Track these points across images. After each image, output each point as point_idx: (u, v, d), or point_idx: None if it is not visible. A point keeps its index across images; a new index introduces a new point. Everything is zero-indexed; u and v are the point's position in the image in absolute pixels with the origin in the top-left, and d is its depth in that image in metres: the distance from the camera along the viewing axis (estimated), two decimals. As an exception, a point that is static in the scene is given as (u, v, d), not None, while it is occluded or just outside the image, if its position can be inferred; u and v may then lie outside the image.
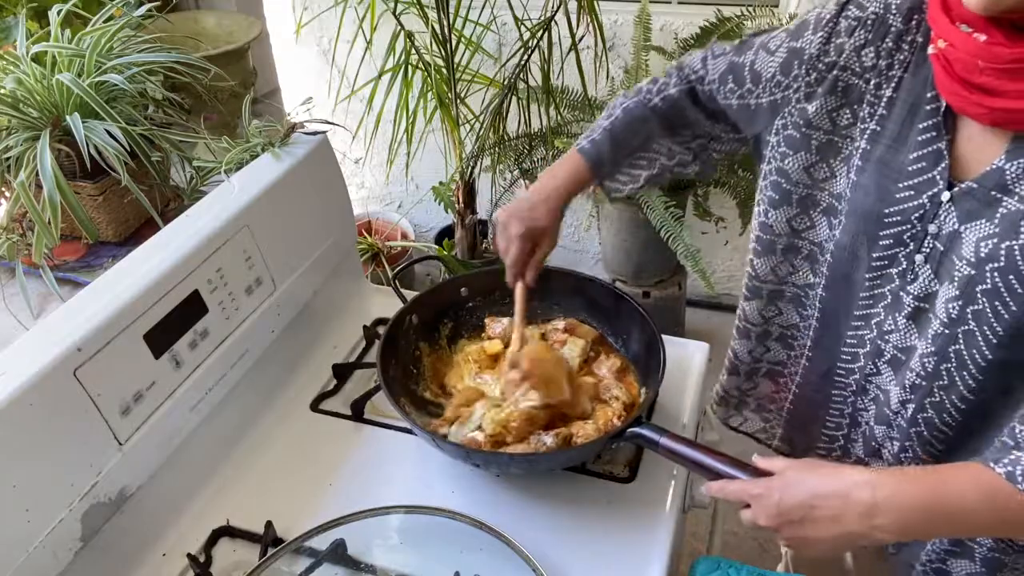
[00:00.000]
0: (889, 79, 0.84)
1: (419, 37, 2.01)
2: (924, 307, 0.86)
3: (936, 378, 0.85)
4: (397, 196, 2.95)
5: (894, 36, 0.83)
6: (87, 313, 0.86)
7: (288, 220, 1.17)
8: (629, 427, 0.94)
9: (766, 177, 0.99)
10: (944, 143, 0.80)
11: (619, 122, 1.06)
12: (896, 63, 0.83)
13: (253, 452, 1.08)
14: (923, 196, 0.82)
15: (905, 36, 0.82)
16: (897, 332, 0.90)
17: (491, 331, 1.17)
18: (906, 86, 0.83)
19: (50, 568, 0.82)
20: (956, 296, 0.80)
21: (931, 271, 0.83)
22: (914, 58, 0.82)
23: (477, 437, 0.99)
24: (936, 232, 0.82)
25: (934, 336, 0.84)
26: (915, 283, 0.85)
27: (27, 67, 1.09)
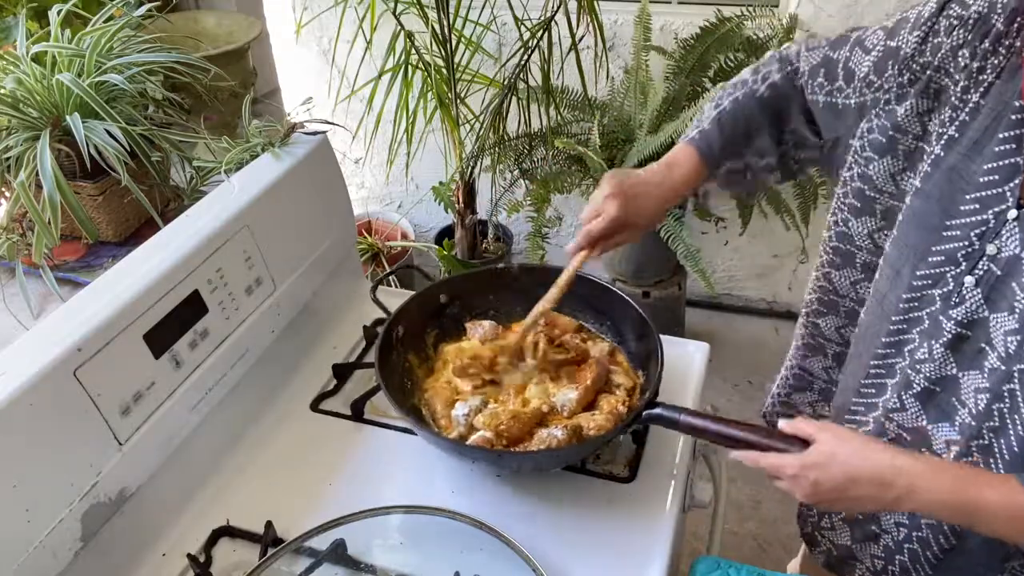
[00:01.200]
0: (978, 83, 0.77)
1: (419, 37, 2.01)
2: (966, 335, 0.79)
3: (988, 418, 0.79)
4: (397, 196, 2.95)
5: (993, 38, 0.76)
6: (87, 313, 0.86)
7: (288, 220, 1.17)
8: (645, 409, 0.94)
9: (846, 184, 0.92)
10: (1021, 157, 0.74)
11: (727, 113, 1.00)
12: (989, 67, 0.76)
13: (253, 452, 1.08)
14: (988, 212, 0.75)
15: (1004, 39, 0.75)
16: (931, 362, 0.83)
17: (471, 334, 1.17)
18: (995, 93, 0.76)
19: (50, 568, 0.82)
20: (1015, 330, 0.74)
21: (981, 296, 0.77)
22: (1008, 63, 0.75)
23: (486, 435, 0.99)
24: (994, 253, 0.75)
25: (991, 371, 0.77)
26: (960, 307, 0.79)
27: (27, 67, 1.09)
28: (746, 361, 2.55)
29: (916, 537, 0.92)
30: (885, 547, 0.96)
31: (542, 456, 0.97)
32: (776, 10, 2.18)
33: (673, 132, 1.86)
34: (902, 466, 0.74)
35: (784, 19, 2.13)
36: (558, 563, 0.91)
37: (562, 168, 2.20)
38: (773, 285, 2.69)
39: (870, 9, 2.10)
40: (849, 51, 0.90)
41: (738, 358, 2.57)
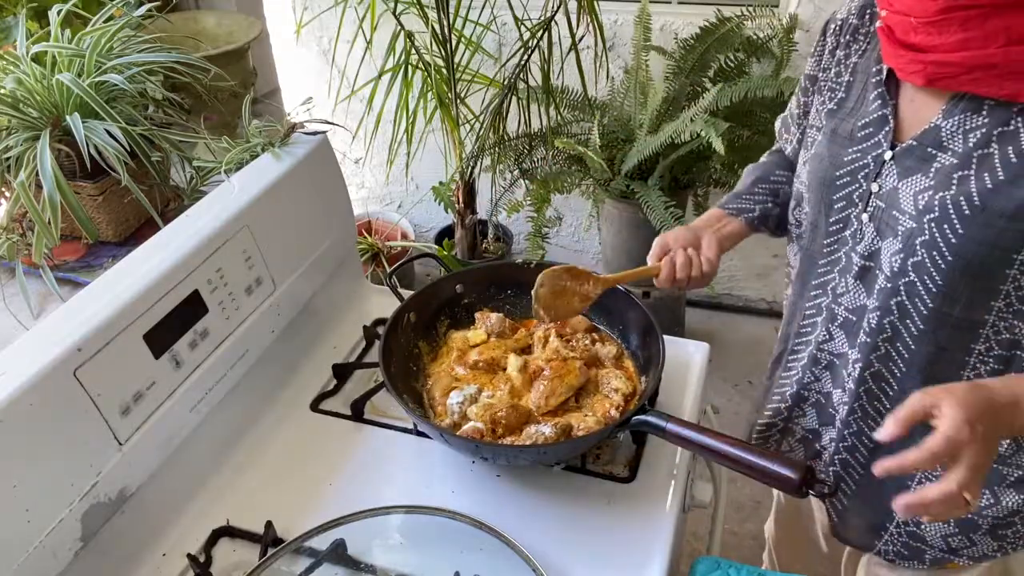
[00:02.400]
0: (847, 66, 0.94)
1: (419, 37, 2.01)
2: (870, 265, 0.91)
3: (881, 332, 0.91)
4: (397, 196, 2.95)
5: (851, 31, 0.94)
6: (87, 313, 0.86)
7: (288, 220, 1.17)
8: (635, 414, 0.94)
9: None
10: (889, 109, 0.88)
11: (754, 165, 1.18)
12: (852, 52, 0.94)
13: (253, 452, 1.08)
14: (868, 156, 0.89)
15: (860, 29, 0.93)
16: (848, 293, 0.95)
17: (479, 325, 1.18)
18: (859, 68, 0.93)
19: (50, 568, 0.82)
20: (899, 249, 0.86)
21: (874, 229, 0.90)
22: (867, 46, 0.92)
23: (478, 426, 0.99)
24: (878, 190, 0.88)
25: (879, 291, 0.90)
26: (862, 242, 0.91)
27: (27, 67, 1.10)
28: (746, 361, 2.55)
29: (843, 447, 1.02)
30: (825, 462, 1.06)
31: (525, 451, 0.97)
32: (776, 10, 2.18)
33: (673, 132, 1.86)
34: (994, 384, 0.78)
35: (784, 19, 2.13)
36: (558, 563, 0.91)
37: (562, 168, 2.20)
38: (773, 285, 2.69)
39: (870, 9, 2.09)
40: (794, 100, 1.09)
41: (738, 358, 2.57)
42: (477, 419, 1.01)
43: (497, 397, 1.06)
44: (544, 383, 1.05)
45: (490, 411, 1.01)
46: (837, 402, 1.01)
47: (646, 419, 0.93)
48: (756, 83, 1.97)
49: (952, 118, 0.81)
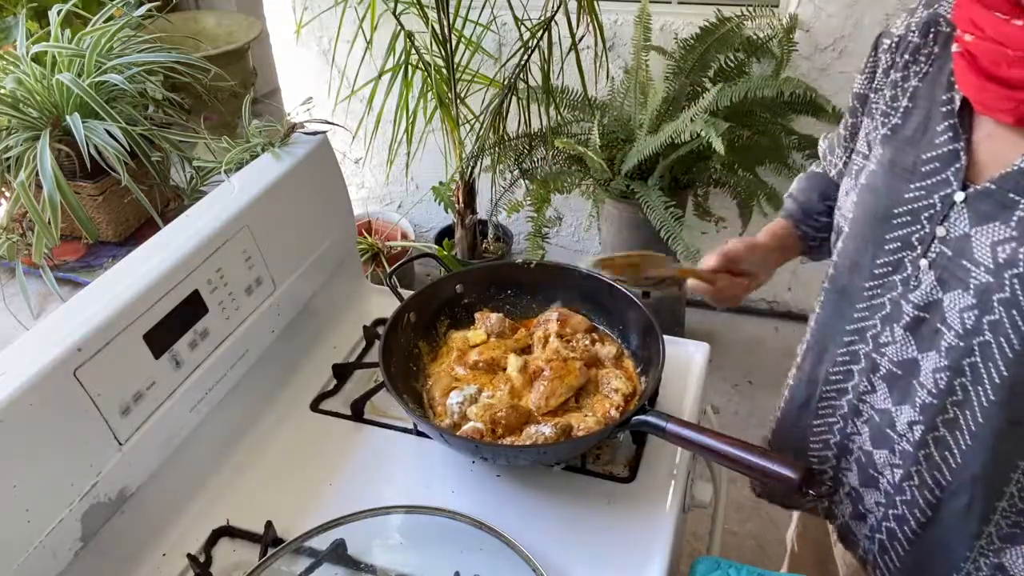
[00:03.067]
0: (904, 90, 0.85)
1: (419, 37, 2.01)
2: (925, 317, 0.83)
3: (950, 394, 0.82)
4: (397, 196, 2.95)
5: (912, 50, 0.84)
6: (87, 313, 0.86)
7: (288, 220, 1.17)
8: (635, 415, 0.94)
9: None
10: (961, 144, 0.78)
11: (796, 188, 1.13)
12: (912, 74, 0.84)
13: (253, 452, 1.08)
14: (934, 196, 0.80)
15: (922, 49, 0.84)
16: (894, 344, 0.87)
17: (479, 325, 1.18)
18: (921, 94, 0.83)
19: (50, 568, 0.82)
20: (971, 305, 0.77)
21: (934, 277, 0.81)
22: (931, 69, 0.83)
23: (478, 426, 0.99)
24: (944, 235, 0.79)
25: (948, 349, 0.81)
26: (917, 290, 0.83)
27: (27, 67, 1.10)
28: (746, 361, 2.56)
29: (892, 515, 0.94)
30: (871, 526, 0.99)
31: (525, 451, 0.97)
32: (776, 10, 2.18)
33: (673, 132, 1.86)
34: None
35: (784, 19, 2.13)
36: (558, 563, 0.91)
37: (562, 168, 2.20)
38: (773, 285, 2.69)
39: (870, 9, 2.10)
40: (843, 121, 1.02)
41: (738, 358, 2.57)
42: (477, 419, 1.01)
43: (497, 397, 1.06)
44: (544, 383, 1.05)
45: (490, 411, 1.01)
46: (882, 464, 0.93)
47: (646, 419, 0.93)
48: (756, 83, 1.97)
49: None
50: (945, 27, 0.81)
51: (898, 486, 0.92)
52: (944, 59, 0.81)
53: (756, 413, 2.39)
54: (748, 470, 0.86)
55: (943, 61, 0.81)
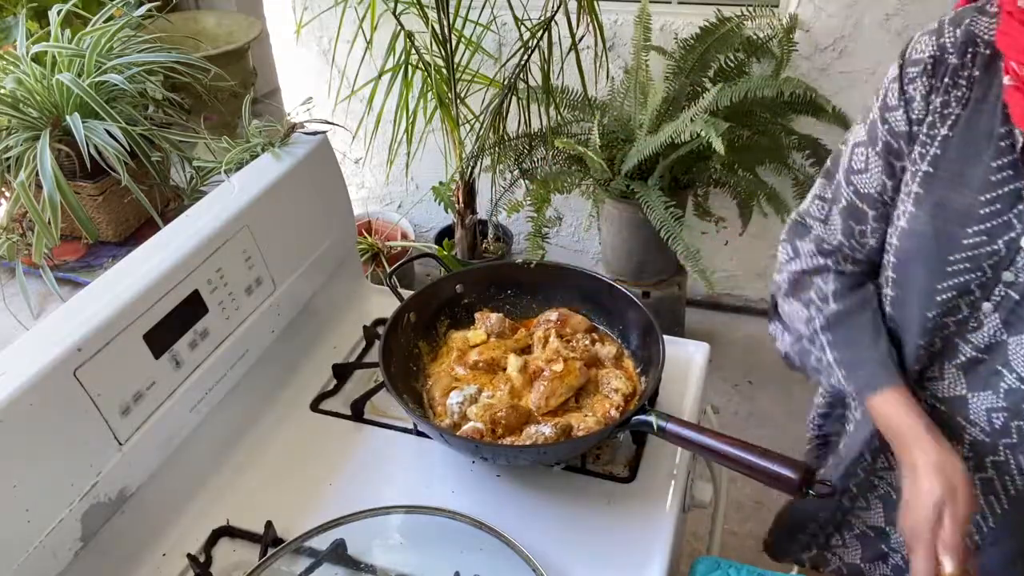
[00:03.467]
0: (944, 117, 0.76)
1: (419, 37, 2.01)
2: (982, 358, 0.79)
3: (1004, 435, 0.80)
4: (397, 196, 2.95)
5: (951, 73, 0.76)
6: (87, 313, 0.86)
7: (288, 220, 1.17)
8: (635, 415, 0.94)
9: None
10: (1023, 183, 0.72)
11: (836, 338, 0.89)
12: (953, 99, 0.76)
13: (253, 452, 1.08)
14: (998, 241, 0.74)
15: (961, 71, 0.76)
16: (941, 381, 0.83)
17: (479, 325, 1.18)
18: (964, 123, 0.75)
19: (50, 568, 0.82)
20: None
21: (1000, 320, 0.76)
22: (972, 93, 0.75)
23: (478, 426, 0.99)
24: (1012, 280, 0.74)
25: (1008, 391, 0.78)
26: (977, 332, 0.78)
27: (27, 67, 1.09)
28: (746, 361, 2.55)
29: None
30: (895, 566, 0.96)
31: (525, 451, 0.97)
32: (776, 10, 2.18)
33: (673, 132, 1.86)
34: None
35: (784, 19, 2.13)
36: (558, 563, 0.91)
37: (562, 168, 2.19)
38: (773, 285, 2.68)
39: (870, 9, 2.10)
40: (848, 186, 0.87)
41: (738, 358, 2.57)
42: (477, 419, 1.01)
43: (497, 397, 1.06)
44: (544, 383, 1.05)
45: (490, 411, 1.01)
46: None
47: (646, 419, 0.93)
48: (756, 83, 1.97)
49: None
50: (983, 48, 0.74)
51: None
52: (987, 84, 0.74)
53: (756, 413, 2.39)
54: (748, 470, 0.86)
55: (985, 87, 0.74)
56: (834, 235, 0.91)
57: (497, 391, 1.08)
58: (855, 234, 0.89)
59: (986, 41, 0.74)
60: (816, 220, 0.93)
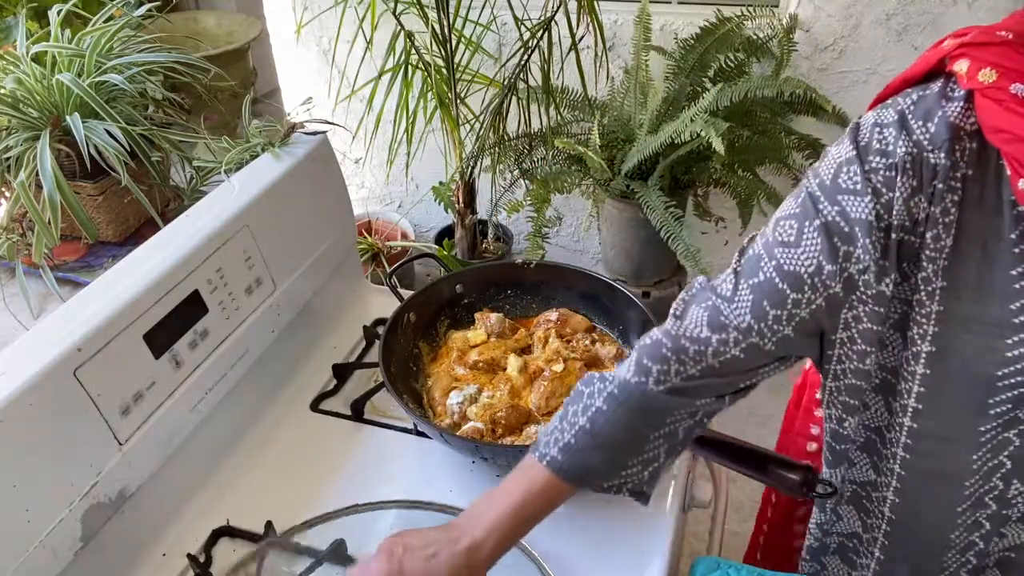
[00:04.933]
0: (947, 226, 0.68)
1: (419, 37, 2.01)
2: None
3: None
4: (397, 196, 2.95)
5: (943, 175, 0.66)
6: (87, 313, 0.86)
7: (288, 220, 1.17)
8: None
9: (838, 379, 0.79)
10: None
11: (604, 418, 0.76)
12: (950, 204, 0.67)
13: (253, 452, 1.08)
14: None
15: (953, 172, 0.66)
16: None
17: (479, 325, 1.18)
18: (967, 227, 0.67)
19: (50, 568, 0.82)
20: None
21: None
22: (966, 195, 0.67)
23: (478, 426, 1.00)
24: None
25: None
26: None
27: (27, 67, 1.10)
28: (746, 361, 2.55)
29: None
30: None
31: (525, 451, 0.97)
32: (776, 10, 2.18)
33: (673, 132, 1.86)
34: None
35: (784, 19, 2.13)
36: (558, 563, 0.91)
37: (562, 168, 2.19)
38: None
39: (870, 9, 2.10)
40: (772, 260, 0.74)
41: (738, 358, 2.57)
42: (477, 419, 1.02)
43: (497, 397, 1.06)
44: (544, 383, 1.05)
45: (490, 411, 1.01)
46: None
47: None
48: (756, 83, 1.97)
49: None
50: (969, 141, 0.66)
51: None
52: (981, 181, 0.66)
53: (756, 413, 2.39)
54: (749, 471, 0.86)
55: (980, 184, 0.66)
56: (743, 316, 0.75)
57: (497, 391, 1.08)
58: (767, 318, 0.74)
59: (969, 132, 0.65)
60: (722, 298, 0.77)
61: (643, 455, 0.78)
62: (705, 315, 0.76)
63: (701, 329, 0.76)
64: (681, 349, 0.76)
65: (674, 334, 0.77)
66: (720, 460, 0.88)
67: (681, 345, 0.76)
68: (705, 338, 0.76)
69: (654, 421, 0.77)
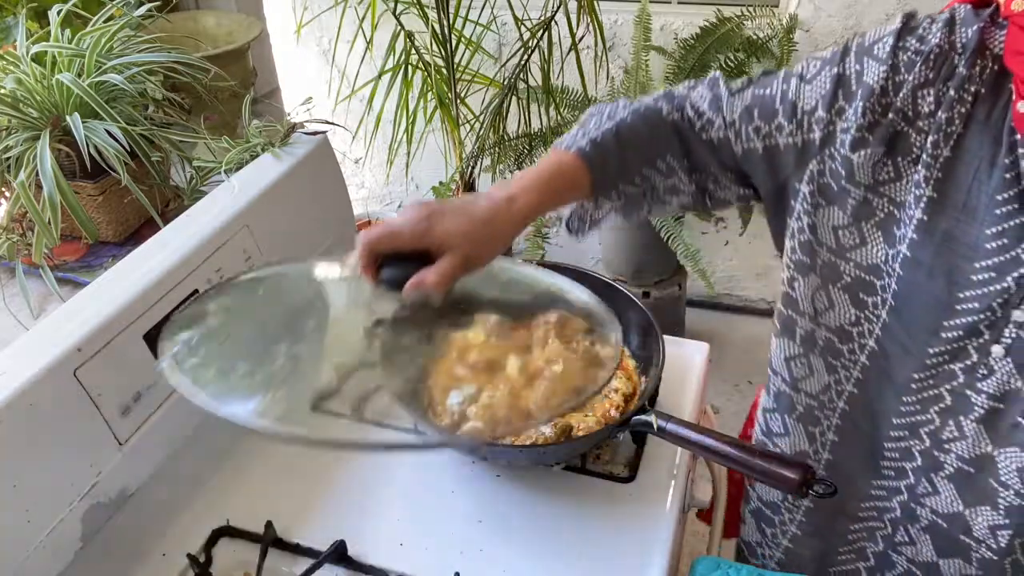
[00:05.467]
0: (948, 136, 0.69)
1: (419, 37, 2.01)
2: (999, 408, 0.73)
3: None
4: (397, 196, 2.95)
5: (957, 83, 0.68)
6: (87, 313, 0.86)
7: (288, 220, 1.17)
8: (635, 414, 0.94)
9: (794, 236, 0.82)
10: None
11: (626, 124, 0.82)
12: (956, 116, 0.68)
13: (253, 452, 1.08)
14: (1007, 278, 0.68)
15: (968, 84, 0.68)
16: (962, 440, 0.77)
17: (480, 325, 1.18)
18: (967, 145, 0.69)
19: (50, 568, 0.82)
20: None
21: (1012, 365, 0.71)
22: (975, 110, 0.68)
23: (478, 425, 0.99)
24: (1023, 320, 0.69)
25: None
26: (989, 379, 0.73)
27: (27, 67, 1.09)
28: (746, 361, 2.55)
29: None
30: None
31: (525, 451, 0.97)
32: (776, 10, 2.18)
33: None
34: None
35: (784, 19, 2.13)
36: (558, 563, 0.91)
37: (562, 168, 2.19)
38: (773, 285, 2.69)
39: (870, 9, 2.10)
40: (785, 84, 0.78)
41: (738, 358, 2.57)
42: (477, 419, 1.01)
43: (497, 397, 1.06)
44: (544, 383, 1.05)
45: (490, 411, 1.01)
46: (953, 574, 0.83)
47: (646, 419, 0.93)
48: (756, 83, 1.97)
49: None
50: (992, 63, 0.67)
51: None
52: (991, 104, 0.68)
53: (756, 413, 2.39)
54: (748, 470, 0.86)
55: (990, 106, 0.68)
56: (731, 108, 0.81)
57: (497, 391, 1.08)
58: (748, 125, 0.80)
59: (995, 55, 0.67)
60: (716, 94, 0.83)
61: (631, 180, 0.84)
62: (709, 95, 0.83)
63: (702, 104, 0.83)
64: (685, 106, 0.84)
65: (683, 94, 0.85)
66: (720, 459, 0.88)
67: (686, 104, 0.84)
68: (701, 111, 0.82)
69: (656, 148, 0.83)
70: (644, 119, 0.83)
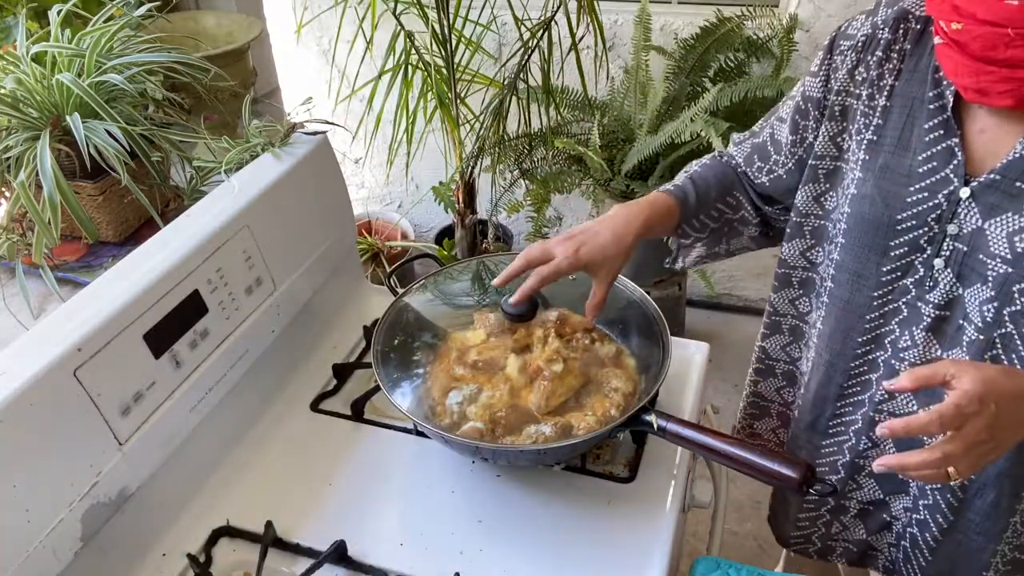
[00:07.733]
0: (880, 88, 0.84)
1: (419, 37, 2.01)
2: (946, 315, 0.82)
3: None
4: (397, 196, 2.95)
5: (883, 47, 0.83)
6: (87, 313, 0.86)
7: (288, 220, 1.17)
8: (635, 415, 0.94)
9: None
10: (955, 139, 0.78)
11: (698, 172, 1.05)
12: (886, 72, 0.83)
13: (253, 452, 1.08)
14: (938, 196, 0.79)
15: (893, 45, 0.83)
16: (915, 348, 0.86)
17: (478, 325, 1.18)
18: (899, 92, 0.82)
19: (50, 568, 0.82)
20: (991, 297, 0.77)
21: (952, 275, 0.80)
22: (904, 65, 0.82)
23: (478, 426, 0.99)
24: (956, 232, 0.79)
25: (969, 343, 0.81)
26: (935, 290, 0.82)
27: (27, 67, 1.10)
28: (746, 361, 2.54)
29: (916, 520, 0.94)
30: (896, 534, 0.99)
31: (525, 451, 0.97)
32: (776, 10, 2.18)
33: (673, 132, 1.86)
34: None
35: (784, 19, 2.13)
36: (558, 563, 0.91)
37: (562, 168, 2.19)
38: (773, 285, 2.69)
39: (870, 9, 2.10)
40: (771, 128, 1.01)
41: (738, 358, 2.57)
42: (477, 419, 1.01)
43: (497, 397, 1.06)
44: (544, 383, 1.05)
45: (490, 411, 1.01)
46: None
47: (646, 419, 0.93)
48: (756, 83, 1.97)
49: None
50: (915, 23, 0.81)
51: (921, 489, 0.91)
52: (918, 55, 0.81)
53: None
54: (748, 469, 0.86)
55: (917, 58, 0.81)
56: (739, 153, 1.05)
57: (497, 391, 1.08)
58: (752, 166, 1.03)
59: (916, 16, 0.81)
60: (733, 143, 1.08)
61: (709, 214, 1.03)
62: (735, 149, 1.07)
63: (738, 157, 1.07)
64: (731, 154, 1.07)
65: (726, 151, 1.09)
66: (719, 459, 0.89)
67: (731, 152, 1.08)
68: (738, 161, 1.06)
69: (724, 185, 1.03)
70: (709, 167, 1.05)
